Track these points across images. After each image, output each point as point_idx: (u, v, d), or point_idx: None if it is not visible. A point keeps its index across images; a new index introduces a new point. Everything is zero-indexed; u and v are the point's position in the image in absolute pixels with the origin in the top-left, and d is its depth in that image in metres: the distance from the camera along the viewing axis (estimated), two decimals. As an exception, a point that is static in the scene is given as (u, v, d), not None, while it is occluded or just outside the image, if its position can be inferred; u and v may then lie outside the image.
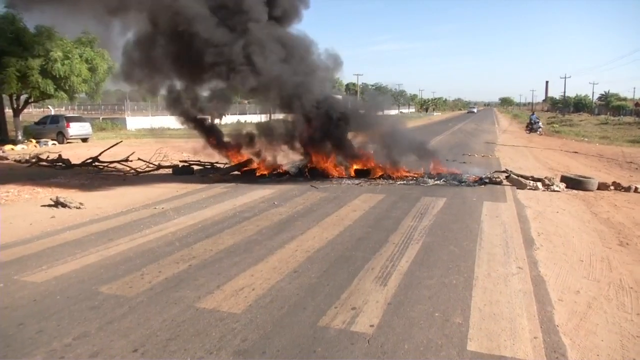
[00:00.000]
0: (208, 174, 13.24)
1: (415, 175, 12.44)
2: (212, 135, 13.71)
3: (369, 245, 6.60)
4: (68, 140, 26.05)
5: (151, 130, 34.73)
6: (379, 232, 7.28)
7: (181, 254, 6.25)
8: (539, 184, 11.27)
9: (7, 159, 18.25)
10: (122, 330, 4.17)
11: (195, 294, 4.91)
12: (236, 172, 13.31)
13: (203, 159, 14.43)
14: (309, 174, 12.67)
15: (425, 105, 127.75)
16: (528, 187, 11.14)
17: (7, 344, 4.00)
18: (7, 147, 21.96)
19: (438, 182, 11.84)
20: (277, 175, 12.94)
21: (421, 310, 4.54)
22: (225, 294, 4.89)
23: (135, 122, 39.01)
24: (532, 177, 11.86)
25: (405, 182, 11.94)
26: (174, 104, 13.51)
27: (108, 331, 4.16)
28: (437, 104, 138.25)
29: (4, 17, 23.56)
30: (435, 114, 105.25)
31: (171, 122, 39.54)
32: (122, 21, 12.80)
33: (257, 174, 13.07)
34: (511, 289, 5.07)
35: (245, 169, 13.34)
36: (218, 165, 13.93)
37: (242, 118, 42.40)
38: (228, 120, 42.10)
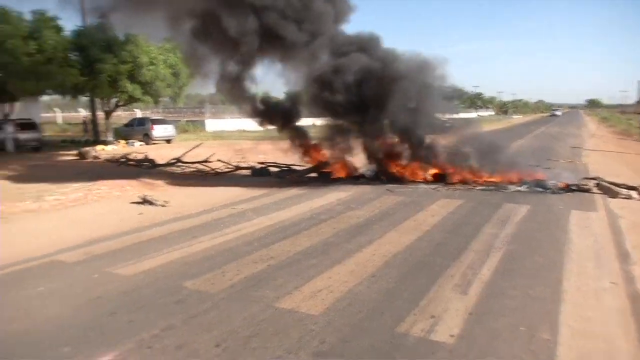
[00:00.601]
0: (285, 176, 13.47)
1: (496, 181, 12.01)
2: (297, 136, 13.83)
3: (448, 251, 6.44)
4: (153, 142, 27.47)
5: (229, 132, 35.90)
6: (458, 238, 7.09)
7: (260, 253, 6.39)
8: (634, 193, 10.52)
9: (99, 158, 19.54)
10: (205, 325, 4.32)
11: (274, 293, 5.01)
12: (312, 174, 13.45)
13: (280, 160, 14.71)
14: (384, 177, 12.58)
15: (504, 108, 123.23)
16: (621, 196, 10.42)
17: (101, 331, 4.27)
18: (99, 147, 23.49)
19: (520, 188, 11.35)
20: (352, 178, 12.95)
21: (505, 322, 4.36)
22: (303, 295, 4.95)
23: (214, 124, 40.50)
24: (625, 184, 11.08)
25: (484, 187, 11.55)
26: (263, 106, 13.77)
27: (192, 325, 4.33)
28: (517, 106, 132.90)
29: (97, 27, 25.29)
30: (515, 117, 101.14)
31: (248, 124, 40.75)
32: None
33: (333, 177, 13.14)
34: (605, 305, 4.76)
35: (322, 171, 13.45)
36: (295, 167, 14.15)
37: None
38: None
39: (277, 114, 13.67)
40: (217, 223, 8.24)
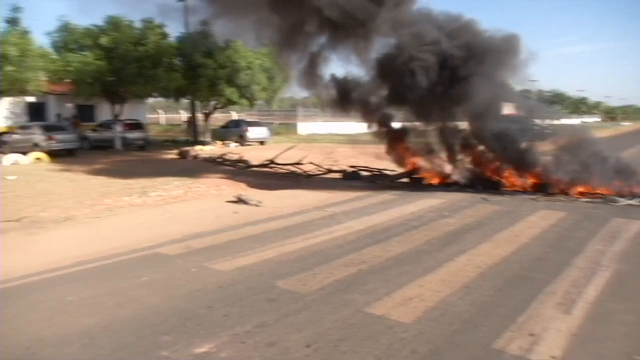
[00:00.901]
0: (376, 180, 13.44)
1: (603, 193, 11.18)
2: (394, 140, 13.69)
3: (549, 266, 6.08)
4: (247, 143, 28.52)
5: (321, 136, 36.42)
6: (560, 253, 6.68)
7: (351, 257, 6.42)
8: None
9: (198, 158, 20.63)
10: (297, 325, 4.40)
11: (364, 298, 5.00)
12: (404, 180, 13.30)
13: (372, 165, 14.70)
14: (479, 185, 12.15)
15: (611, 114, 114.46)
16: None
17: (198, 322, 4.48)
18: (198, 147, 24.79)
19: (632, 202, 10.48)
20: (445, 185, 12.64)
21: (614, 348, 4.04)
22: (394, 302, 4.90)
23: (306, 127, 41.30)
24: None
25: (590, 199, 10.79)
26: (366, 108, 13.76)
27: (284, 324, 4.43)
28: (628, 112, 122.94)
29: (199, 33, 26.77)
30: (624, 124, 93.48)
31: (340, 127, 41.08)
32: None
33: (425, 183, 12.91)
34: None
35: (414, 176, 13.27)
36: (386, 172, 14.06)
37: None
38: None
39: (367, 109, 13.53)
40: (309, 225, 8.38)
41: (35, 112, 28.93)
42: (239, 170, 16.43)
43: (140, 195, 11.43)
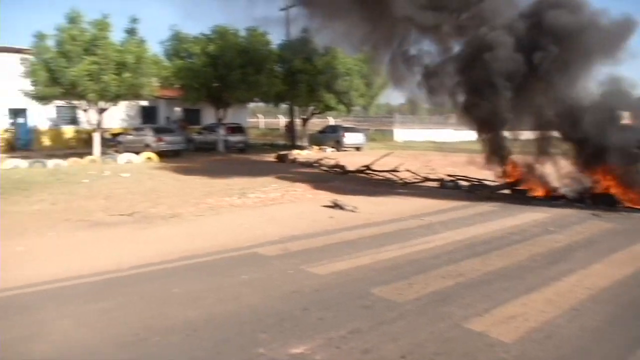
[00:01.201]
0: (475, 191, 12.99)
1: None
2: (497, 149, 13.13)
3: (674, 294, 5.52)
4: (343, 148, 28.78)
5: (417, 143, 35.90)
6: (688, 279, 6.03)
7: (448, 269, 6.24)
8: None
9: (295, 162, 21.15)
10: (392, 334, 4.35)
11: (462, 312, 4.84)
12: (505, 191, 12.73)
13: (471, 174, 14.23)
14: (590, 200, 11.31)
15: None
16: None
17: (295, 323, 4.57)
18: (296, 151, 25.41)
19: None
20: (550, 199, 11.92)
21: None
22: (494, 319, 4.69)
23: (402, 134, 40.92)
24: None
25: None
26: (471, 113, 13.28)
27: (378, 332, 4.39)
28: None
29: (299, 40, 27.50)
30: None
31: (437, 135, 40.25)
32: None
33: (529, 195, 12.26)
34: None
35: (516, 188, 12.65)
36: (486, 182, 13.55)
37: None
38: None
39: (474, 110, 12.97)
40: (405, 233, 8.28)
41: (147, 115, 31.44)
42: (335, 175, 16.62)
43: (240, 196, 11.92)
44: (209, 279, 5.85)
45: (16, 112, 27.04)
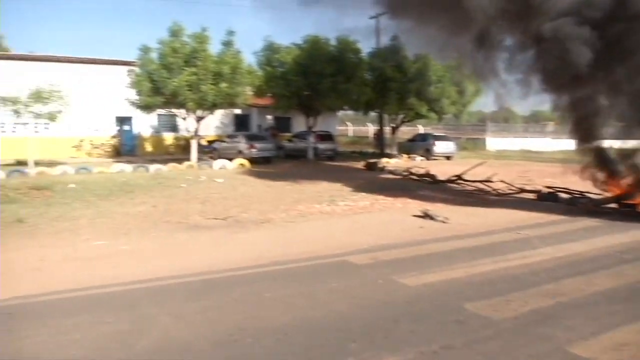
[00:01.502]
0: (577, 203, 12.18)
1: None
2: (603, 161, 12.22)
3: None
4: (433, 157, 28.21)
5: (512, 152, 34.41)
6: None
7: (548, 287, 5.88)
8: None
9: (384, 170, 21.03)
10: (487, 353, 4.16)
11: (565, 335, 4.52)
12: (612, 205, 11.81)
13: (572, 186, 13.36)
14: None
15: None
16: None
17: (385, 335, 4.51)
18: (384, 160, 25.26)
19: None
20: (665, 215, 10.89)
21: None
22: (602, 345, 4.34)
23: (495, 143, 39.41)
24: None
25: None
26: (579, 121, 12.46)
27: (473, 350, 4.22)
28: None
29: (389, 48, 27.39)
30: None
31: (533, 144, 38.37)
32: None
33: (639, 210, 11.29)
34: None
35: (625, 202, 11.69)
36: (589, 194, 12.66)
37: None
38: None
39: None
40: (499, 247, 7.93)
41: (241, 123, 32.72)
42: (425, 184, 16.32)
43: (330, 203, 12.02)
44: (299, 285, 5.94)
45: (122, 120, 29.26)
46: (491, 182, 14.92)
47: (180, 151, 28.97)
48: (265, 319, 4.90)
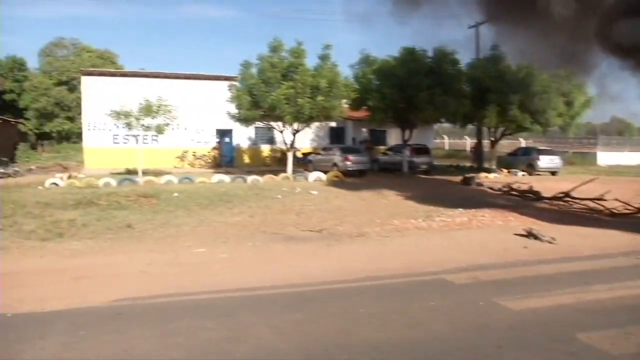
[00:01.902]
0: None
1: None
2: None
3: None
4: (536, 172, 26.72)
5: (627, 168, 31.77)
6: None
7: (677, 320, 5.29)
8: None
9: (482, 185, 20.22)
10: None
11: (698, 376, 4.03)
12: None
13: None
14: None
15: None
16: None
17: (487, 362, 4.27)
18: (483, 174, 24.32)
19: None
20: None
21: None
22: None
23: (607, 157, 36.60)
24: None
25: None
26: None
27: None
28: None
29: (490, 59, 26.44)
30: None
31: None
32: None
33: None
34: None
35: None
36: None
37: None
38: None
39: None
40: (614, 272, 7.29)
41: (336, 135, 33.07)
42: (527, 201, 15.46)
43: (425, 218, 11.74)
44: (395, 302, 5.82)
45: (223, 133, 30.67)
46: (604, 200, 13.82)
47: (276, 163, 29.80)
48: (360, 335, 4.84)
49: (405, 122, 26.61)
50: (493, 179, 23.32)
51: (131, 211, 11.99)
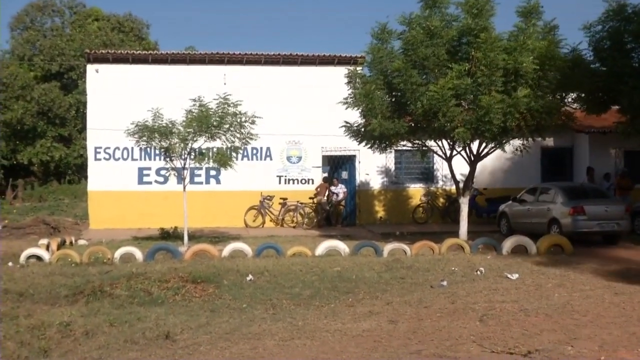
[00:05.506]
0: None
1: None
2: None
3: None
4: None
5: None
6: None
7: None
8: None
9: None
10: None
11: None
12: None
13: None
14: None
15: None
16: None
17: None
18: None
19: None
20: None
21: None
22: None
23: None
24: None
25: None
26: None
27: None
28: None
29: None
30: None
31: None
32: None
33: None
34: None
35: None
36: None
37: None
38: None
39: None
40: None
41: (553, 163, 22.04)
42: None
43: None
44: None
45: (336, 162, 20.82)
46: None
47: (435, 216, 20.27)
48: None
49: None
50: None
51: (170, 308, 8.22)
